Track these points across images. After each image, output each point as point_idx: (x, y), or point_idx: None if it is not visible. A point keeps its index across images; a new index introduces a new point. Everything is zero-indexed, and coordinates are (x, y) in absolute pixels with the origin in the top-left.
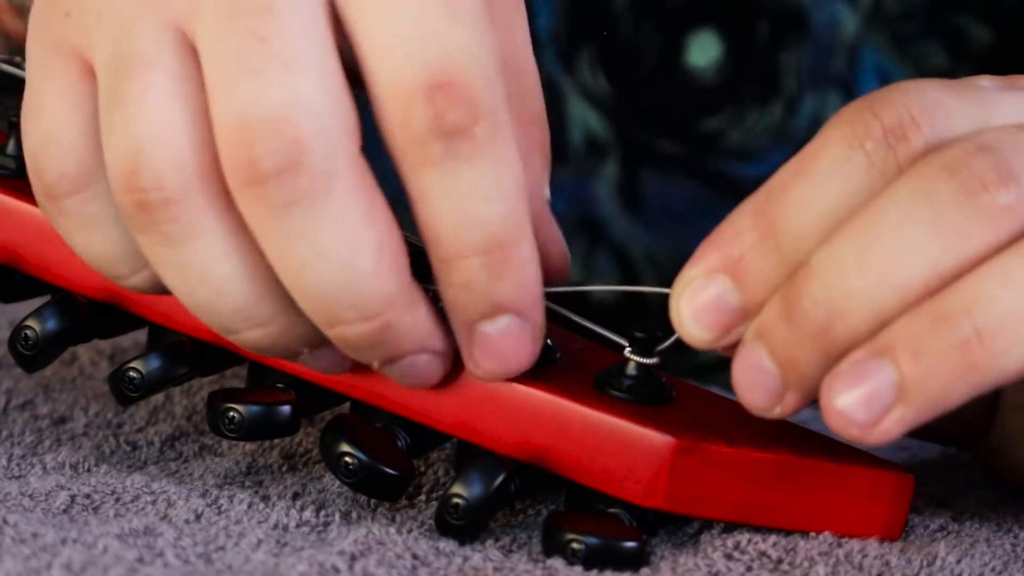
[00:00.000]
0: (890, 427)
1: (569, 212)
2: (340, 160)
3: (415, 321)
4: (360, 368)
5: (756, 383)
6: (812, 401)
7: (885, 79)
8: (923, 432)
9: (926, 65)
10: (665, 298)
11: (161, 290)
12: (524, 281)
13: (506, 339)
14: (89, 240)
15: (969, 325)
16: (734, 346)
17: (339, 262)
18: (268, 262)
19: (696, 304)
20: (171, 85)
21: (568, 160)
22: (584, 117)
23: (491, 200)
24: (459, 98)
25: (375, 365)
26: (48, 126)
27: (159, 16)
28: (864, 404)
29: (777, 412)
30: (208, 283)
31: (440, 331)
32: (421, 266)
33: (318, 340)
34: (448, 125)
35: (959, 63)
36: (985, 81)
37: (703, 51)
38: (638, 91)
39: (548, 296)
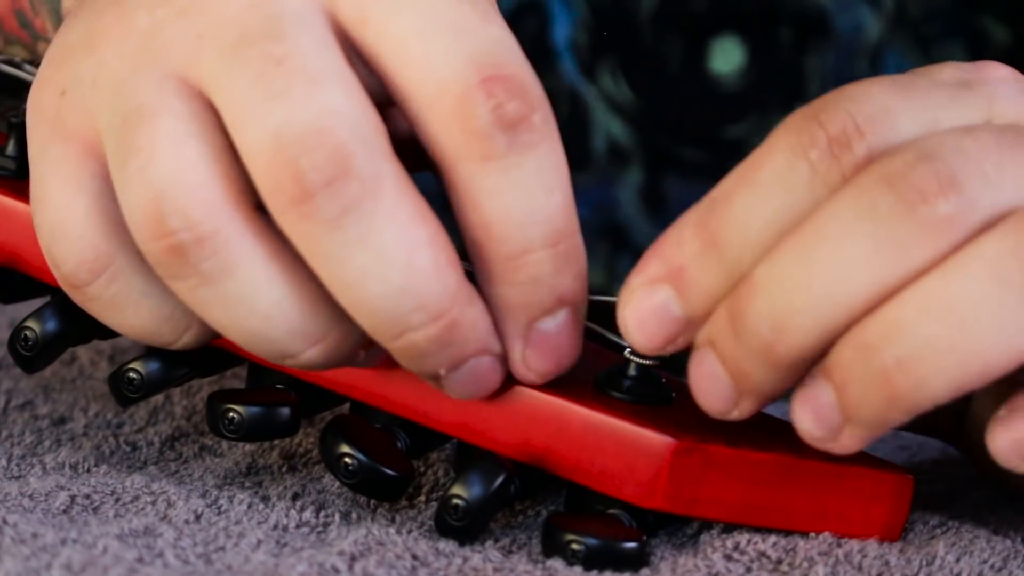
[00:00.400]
0: (847, 443)
1: (592, 218)
2: (383, 161)
3: (477, 318)
4: (359, 368)
5: (711, 389)
6: (771, 402)
7: None
8: (910, 426)
9: None
10: None
11: (212, 338)
12: (581, 270)
13: (562, 334)
14: (124, 317)
15: (889, 355)
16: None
17: (399, 264)
18: (315, 277)
19: (640, 313)
20: (181, 126)
21: (591, 167)
22: (607, 124)
23: (553, 190)
24: (514, 88)
25: (440, 373)
26: (56, 217)
27: (157, 69)
28: (816, 424)
29: (735, 415)
30: (257, 312)
31: (495, 332)
32: None
33: (370, 340)
34: (510, 115)
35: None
36: (946, 72)
37: (726, 57)
38: (661, 98)
39: None
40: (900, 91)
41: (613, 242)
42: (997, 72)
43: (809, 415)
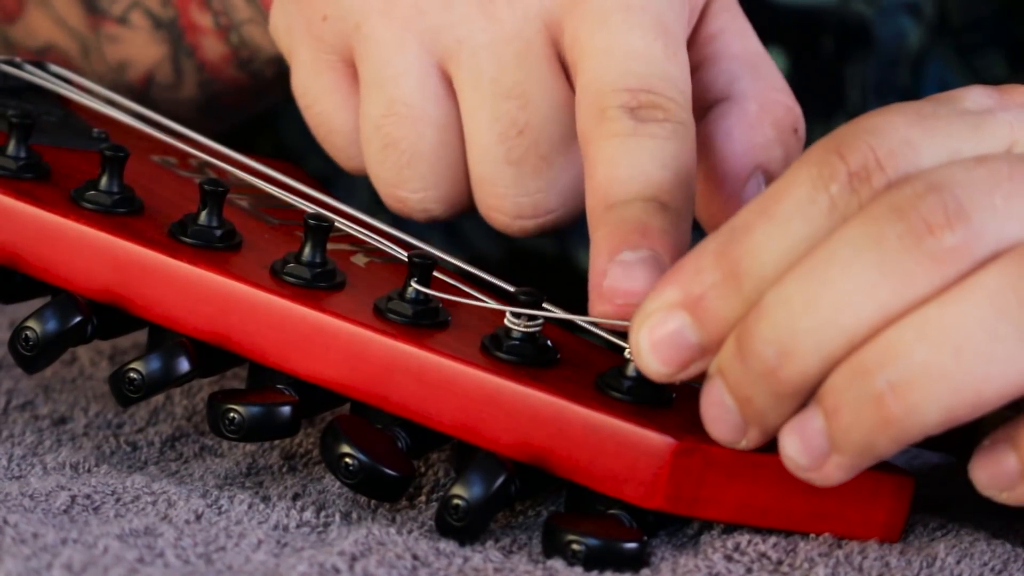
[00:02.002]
0: (831, 472)
1: None
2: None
3: None
4: (360, 368)
5: (719, 417)
6: (775, 436)
7: (947, 90)
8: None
9: (987, 75)
10: None
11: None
12: (676, 231)
13: (639, 267)
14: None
15: (883, 379)
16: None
17: None
18: None
19: (655, 338)
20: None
21: None
22: None
23: (666, 167)
24: (655, 98)
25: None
26: (326, 119)
27: (423, 52)
28: (803, 451)
29: (744, 445)
30: None
31: None
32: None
33: None
34: (640, 106)
35: (1018, 72)
36: (971, 98)
37: None
38: None
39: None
40: (921, 122)
41: None
42: (1023, 97)
43: (796, 442)
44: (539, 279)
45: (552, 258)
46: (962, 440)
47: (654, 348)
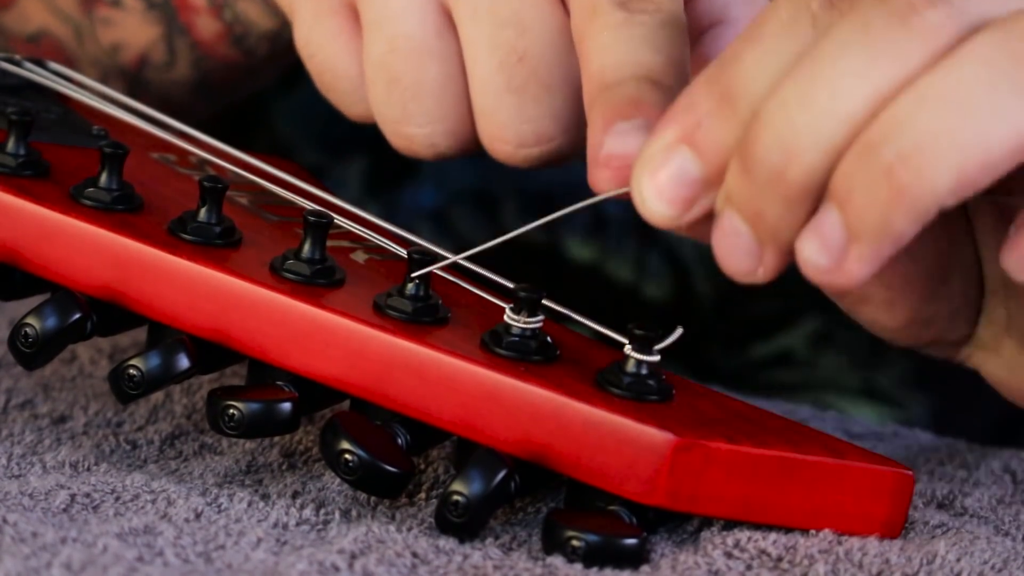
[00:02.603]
0: (852, 267)
1: (622, 214)
2: None
3: None
4: (359, 365)
5: (733, 247)
6: (791, 258)
7: None
8: (917, 339)
9: None
10: (714, 303)
11: None
12: (666, 104)
13: (633, 135)
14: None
15: (890, 151)
16: (697, 226)
17: None
18: None
19: (657, 179)
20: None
21: None
22: None
23: (660, 51)
24: None
25: None
26: (330, 65)
27: None
28: (822, 249)
29: (760, 274)
30: None
31: None
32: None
33: None
34: (633, 5)
35: None
36: None
37: None
38: None
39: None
40: None
41: (641, 238)
42: None
43: (812, 241)
44: (529, 270)
45: (542, 249)
46: (964, 333)
47: (658, 190)
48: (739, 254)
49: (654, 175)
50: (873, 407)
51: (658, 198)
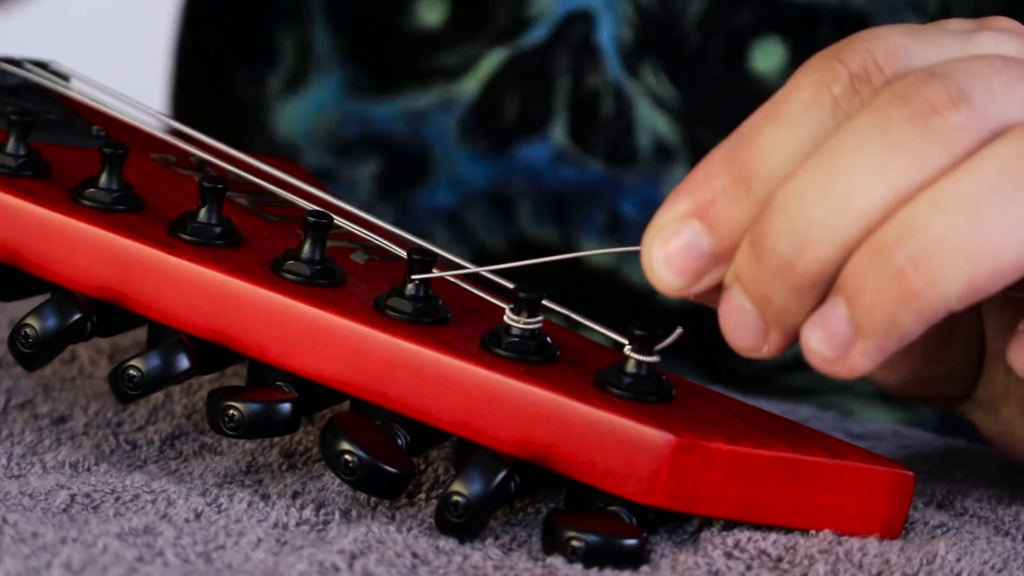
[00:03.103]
0: (856, 360)
1: (638, 215)
2: None
3: None
4: (359, 365)
5: (739, 324)
6: (796, 340)
7: None
8: (916, 395)
9: None
10: None
11: None
12: None
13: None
14: None
15: (903, 254)
16: (706, 295)
17: None
18: None
19: (668, 250)
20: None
21: (637, 163)
22: (652, 121)
23: None
24: None
25: None
26: None
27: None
28: (827, 342)
29: (765, 351)
30: None
31: None
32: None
33: None
34: None
35: None
36: (954, 24)
37: (767, 57)
38: (704, 96)
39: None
40: (914, 32)
41: None
42: (1003, 23)
43: (818, 333)
44: (545, 275)
45: (554, 249)
46: (963, 391)
47: (667, 260)
48: (745, 331)
49: (664, 245)
50: (884, 409)
51: (667, 269)
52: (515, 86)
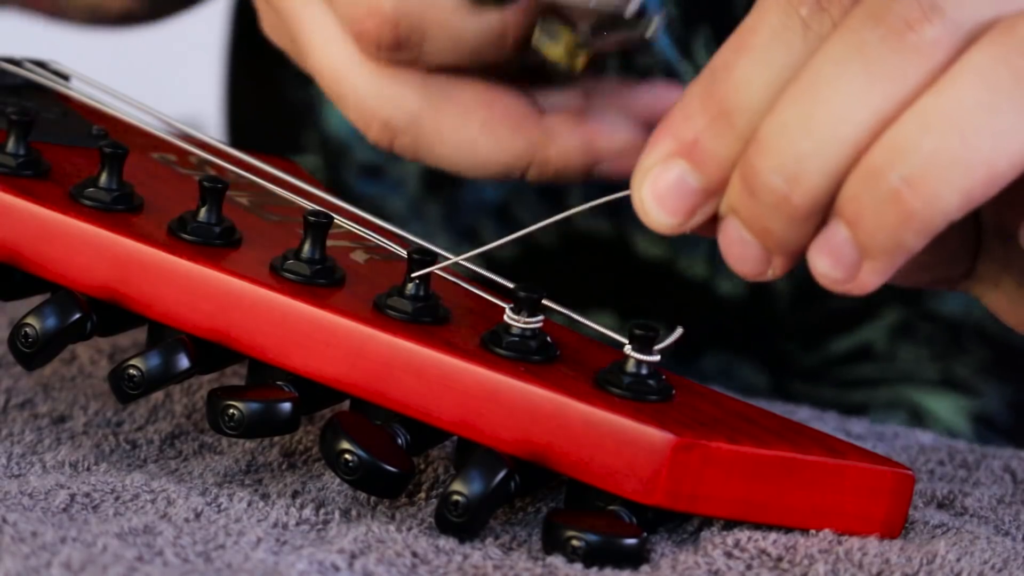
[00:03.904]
0: (867, 279)
1: None
2: None
3: None
4: (359, 365)
5: (742, 254)
6: (801, 257)
7: None
8: (920, 280)
9: None
10: (791, 299)
11: None
12: None
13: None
14: None
15: (896, 176)
16: (702, 229)
17: None
18: None
19: (658, 190)
20: None
21: None
22: None
23: None
24: None
25: None
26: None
27: None
28: (836, 265)
29: (770, 275)
30: None
31: None
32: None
33: None
34: None
35: None
36: None
37: None
38: None
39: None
40: None
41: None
42: None
43: (825, 258)
44: (598, 268)
45: (611, 247)
46: (964, 269)
47: (658, 201)
48: (748, 260)
49: (654, 186)
50: (951, 397)
51: (660, 209)
52: None
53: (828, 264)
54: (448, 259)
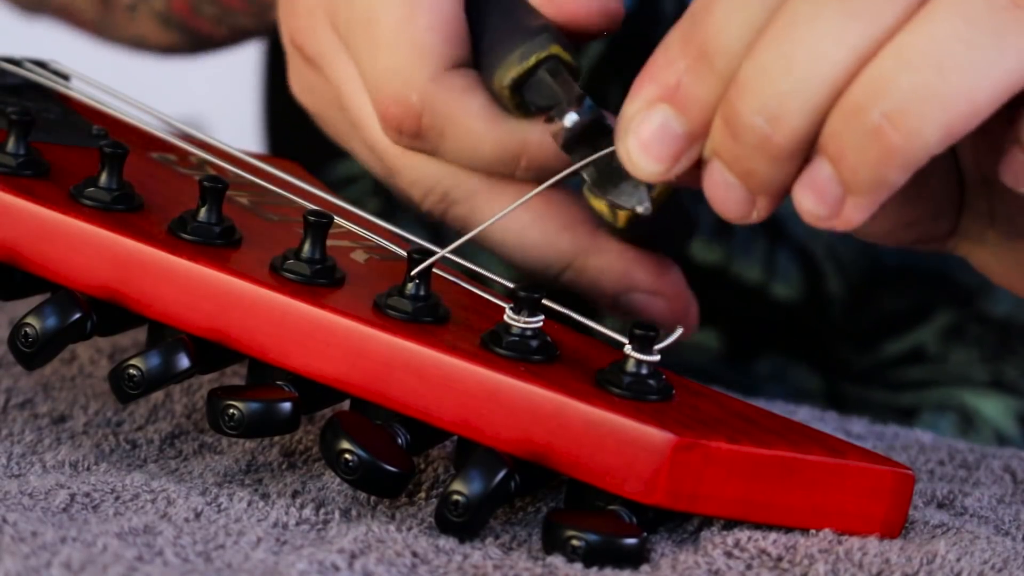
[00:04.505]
0: (850, 215)
1: None
2: None
3: None
4: (359, 365)
5: (726, 197)
6: (786, 196)
7: None
8: (904, 239)
9: None
10: (844, 302)
11: None
12: None
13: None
14: None
15: (877, 112)
16: (686, 176)
17: None
18: None
19: (642, 137)
20: None
21: None
22: None
23: None
24: None
25: None
26: None
27: None
28: (820, 203)
29: (754, 217)
30: None
31: None
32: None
33: None
34: None
35: None
36: None
37: None
38: None
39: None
40: None
41: (771, 236)
42: None
43: (809, 195)
44: None
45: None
46: (949, 226)
47: (643, 148)
48: (732, 203)
49: (638, 133)
50: (1001, 399)
51: (645, 156)
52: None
53: (813, 201)
54: (437, 253)
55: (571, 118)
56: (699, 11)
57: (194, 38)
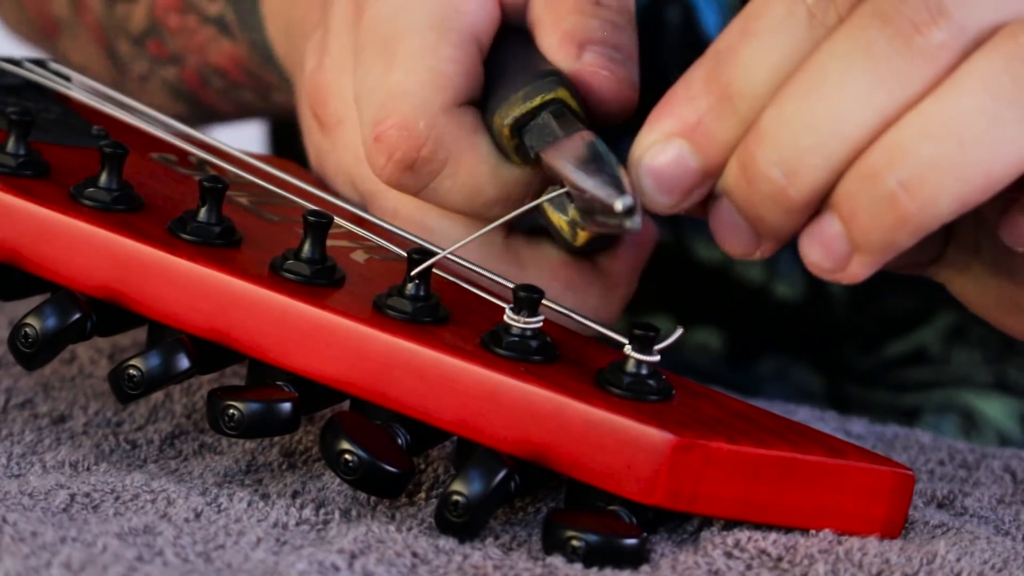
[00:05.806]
0: (856, 271)
1: None
2: None
3: None
4: (359, 365)
5: (732, 235)
6: (790, 242)
7: None
8: (890, 264)
9: None
10: (846, 302)
11: None
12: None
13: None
14: None
15: (893, 179)
16: (694, 208)
17: None
18: None
19: (655, 167)
20: None
21: None
22: None
23: None
24: None
25: None
26: None
27: None
28: (826, 256)
29: (757, 256)
30: None
31: None
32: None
33: None
34: None
35: None
36: None
37: None
38: None
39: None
40: None
41: None
42: None
43: (817, 248)
44: (655, 272)
45: (669, 251)
46: (934, 253)
47: (655, 178)
48: (739, 242)
49: (652, 163)
50: (1003, 400)
51: (656, 187)
52: None
53: (819, 254)
54: (437, 253)
55: (625, 201)
56: (724, 50)
57: (202, 111)
